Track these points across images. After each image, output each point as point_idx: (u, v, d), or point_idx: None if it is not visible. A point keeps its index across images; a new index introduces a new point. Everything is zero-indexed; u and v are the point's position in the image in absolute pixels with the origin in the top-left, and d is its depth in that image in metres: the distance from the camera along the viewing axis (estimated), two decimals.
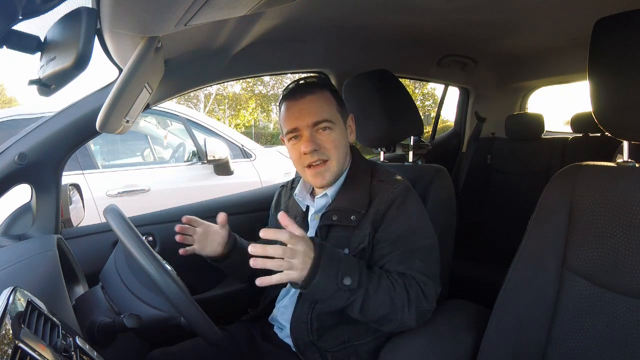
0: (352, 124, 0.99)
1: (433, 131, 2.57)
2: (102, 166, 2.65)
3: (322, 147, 0.90)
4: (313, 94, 0.91)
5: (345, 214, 0.90)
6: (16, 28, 0.55)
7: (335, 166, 0.92)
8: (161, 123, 3.29)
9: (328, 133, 0.91)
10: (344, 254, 0.80)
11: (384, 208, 0.89)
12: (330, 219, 0.92)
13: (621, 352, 0.70)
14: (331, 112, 0.92)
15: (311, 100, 0.90)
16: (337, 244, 0.90)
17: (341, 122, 0.94)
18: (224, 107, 16.69)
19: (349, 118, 0.98)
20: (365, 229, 0.89)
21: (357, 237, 0.89)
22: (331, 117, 0.91)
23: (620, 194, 0.72)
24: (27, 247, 0.89)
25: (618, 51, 0.70)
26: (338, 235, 0.91)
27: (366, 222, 0.89)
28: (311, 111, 0.90)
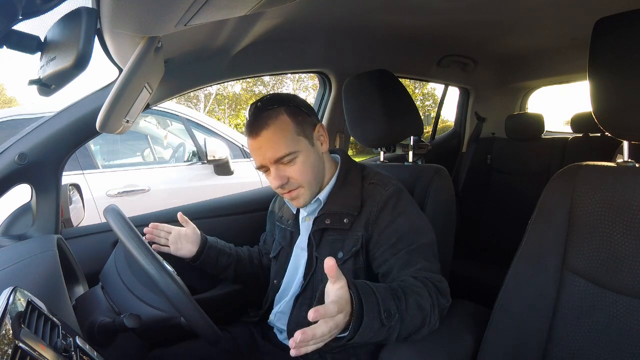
0: (323, 131, 0.94)
1: (433, 131, 2.58)
2: (102, 166, 2.64)
3: (289, 178, 0.89)
4: (267, 127, 0.86)
5: (338, 217, 0.91)
6: (16, 28, 0.55)
7: (308, 189, 0.91)
8: (161, 123, 3.29)
9: (292, 164, 0.88)
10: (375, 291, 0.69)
11: (377, 210, 0.88)
12: (323, 222, 0.92)
13: (621, 352, 0.70)
14: (290, 141, 0.87)
15: (266, 137, 0.87)
16: (331, 247, 0.91)
17: (305, 143, 0.89)
18: (224, 107, 16.69)
19: (316, 129, 0.93)
20: (358, 232, 0.89)
21: (350, 240, 0.89)
22: (291, 147, 0.87)
23: (620, 194, 0.72)
24: (27, 247, 0.89)
25: (618, 51, 0.70)
26: (332, 239, 0.92)
27: (359, 224, 0.89)
28: (269, 148, 0.87)
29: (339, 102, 1.59)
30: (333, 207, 0.92)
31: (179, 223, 1.08)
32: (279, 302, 1.02)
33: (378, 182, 0.92)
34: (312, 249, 0.94)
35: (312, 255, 0.94)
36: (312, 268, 0.94)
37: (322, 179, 0.95)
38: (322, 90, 1.72)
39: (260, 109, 0.89)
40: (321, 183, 0.95)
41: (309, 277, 0.94)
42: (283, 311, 0.99)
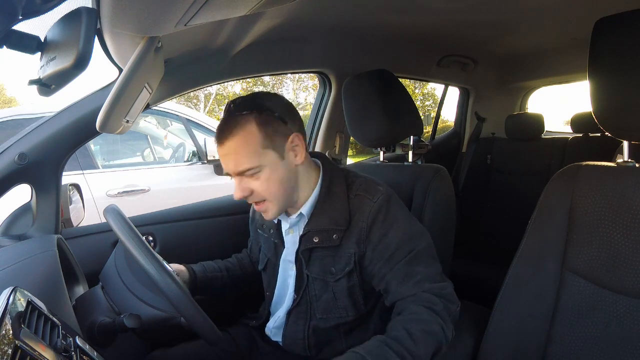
0: (299, 141, 0.85)
1: (433, 131, 2.57)
2: (102, 166, 2.64)
3: (253, 191, 0.84)
4: (232, 137, 0.81)
5: (327, 234, 0.86)
6: (16, 28, 0.55)
7: (276, 204, 0.85)
8: (161, 123, 3.29)
9: (255, 178, 0.83)
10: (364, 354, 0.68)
11: (367, 225, 0.84)
12: (311, 241, 0.87)
13: (621, 352, 0.70)
14: (254, 155, 0.81)
15: (230, 148, 0.82)
16: (322, 264, 0.88)
17: (272, 156, 0.82)
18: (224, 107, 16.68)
19: (289, 139, 0.84)
20: (350, 249, 0.85)
21: (341, 258, 0.86)
22: (254, 161, 0.81)
23: (620, 194, 0.72)
24: (27, 247, 0.89)
25: (618, 51, 0.70)
26: (322, 256, 0.88)
27: (349, 240, 0.85)
28: (232, 160, 0.82)
29: (339, 102, 1.59)
30: (320, 222, 0.86)
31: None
32: (274, 313, 1.01)
33: (364, 193, 0.86)
34: (302, 266, 0.90)
35: (303, 273, 0.90)
36: (303, 284, 0.91)
37: (294, 192, 0.88)
38: (322, 90, 1.72)
39: (231, 113, 0.83)
40: (293, 197, 0.88)
41: (301, 292, 0.91)
42: (277, 326, 0.97)
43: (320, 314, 0.90)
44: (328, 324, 0.90)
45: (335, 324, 0.90)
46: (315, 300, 0.90)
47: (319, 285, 0.90)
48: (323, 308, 0.90)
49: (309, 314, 0.92)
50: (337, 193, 0.88)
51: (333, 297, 0.88)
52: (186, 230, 1.33)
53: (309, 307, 0.92)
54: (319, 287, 0.90)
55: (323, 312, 0.90)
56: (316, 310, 0.90)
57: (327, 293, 0.89)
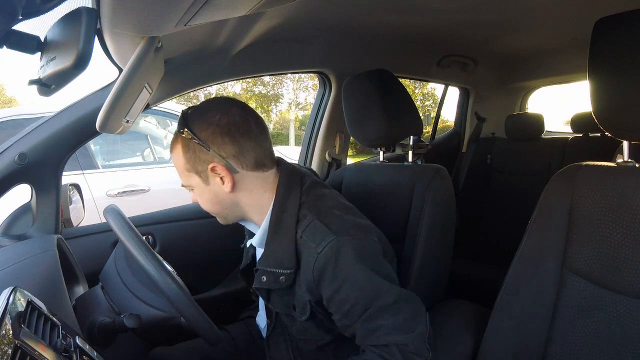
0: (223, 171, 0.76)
1: (433, 131, 2.57)
2: (102, 166, 2.65)
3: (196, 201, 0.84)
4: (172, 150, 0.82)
5: (273, 276, 0.78)
6: (16, 28, 0.55)
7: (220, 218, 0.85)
8: (161, 123, 3.29)
9: (193, 194, 0.83)
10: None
11: (314, 279, 0.74)
12: (260, 280, 0.81)
13: (621, 352, 0.70)
14: (182, 174, 0.81)
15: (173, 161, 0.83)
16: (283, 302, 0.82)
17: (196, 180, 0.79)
18: None
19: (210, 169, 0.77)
20: (303, 296, 0.77)
21: (298, 303, 0.80)
22: (184, 180, 0.82)
23: (620, 194, 0.72)
24: (27, 247, 0.89)
25: (618, 51, 0.70)
26: (281, 294, 0.81)
27: (300, 286, 0.77)
28: None
29: (338, 102, 1.59)
30: (267, 262, 0.80)
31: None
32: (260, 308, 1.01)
33: (310, 240, 0.75)
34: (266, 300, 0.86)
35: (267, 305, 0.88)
36: (272, 313, 0.88)
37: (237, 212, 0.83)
38: (322, 90, 1.72)
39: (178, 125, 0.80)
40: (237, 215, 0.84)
41: (273, 318, 0.89)
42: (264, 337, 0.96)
43: (298, 335, 0.87)
44: (310, 345, 0.87)
45: (316, 346, 0.87)
46: (290, 324, 0.87)
47: (287, 318, 0.86)
48: (299, 330, 0.86)
49: (287, 335, 0.89)
50: (285, 228, 0.78)
51: (304, 328, 0.84)
52: (186, 230, 1.33)
53: (285, 330, 0.89)
54: (287, 319, 0.86)
55: (300, 334, 0.86)
56: (293, 331, 0.87)
57: (296, 324, 0.84)
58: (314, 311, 0.78)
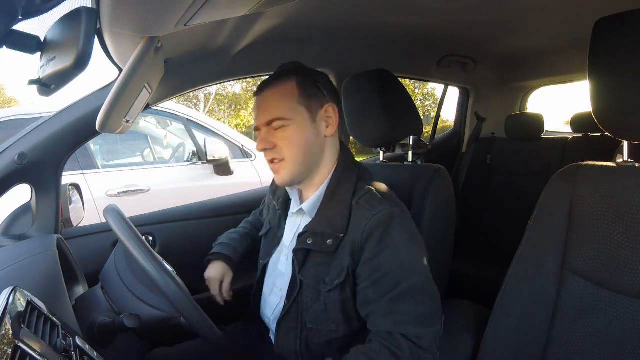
0: (333, 114, 0.86)
1: (433, 131, 2.57)
2: (102, 166, 2.64)
3: (275, 145, 0.84)
4: (271, 87, 0.85)
5: (322, 238, 0.81)
6: (16, 28, 0.55)
7: (291, 166, 0.84)
8: (161, 123, 3.29)
9: (282, 131, 0.83)
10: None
11: (362, 239, 0.78)
12: (305, 242, 0.83)
13: (621, 352, 0.70)
14: (287, 107, 0.83)
15: (267, 97, 0.85)
16: (317, 272, 0.83)
17: (304, 115, 0.84)
18: (224, 107, 16.70)
19: (324, 108, 0.86)
20: (344, 260, 0.80)
21: (335, 269, 0.81)
22: (286, 113, 0.83)
23: (620, 194, 0.72)
24: (27, 247, 0.89)
25: (618, 51, 0.70)
26: (318, 262, 0.83)
27: (344, 250, 0.80)
28: (265, 108, 0.85)
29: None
30: (318, 225, 0.83)
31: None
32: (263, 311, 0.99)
33: (365, 204, 0.80)
34: (296, 271, 0.85)
35: (296, 278, 0.85)
36: (295, 290, 0.86)
37: (313, 165, 0.86)
38: None
39: (275, 73, 0.88)
40: (310, 169, 0.86)
41: (292, 299, 0.86)
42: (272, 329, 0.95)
43: (310, 324, 0.85)
44: (320, 338, 0.85)
45: (326, 339, 0.85)
46: (307, 309, 0.85)
47: (311, 294, 0.84)
48: (314, 318, 0.85)
49: (299, 323, 0.87)
50: (341, 196, 0.84)
51: (324, 308, 0.83)
52: (186, 230, 1.33)
53: (299, 316, 0.86)
54: (311, 296, 0.85)
55: (314, 323, 0.85)
56: (307, 319, 0.86)
57: (318, 303, 0.84)
58: (346, 282, 0.80)
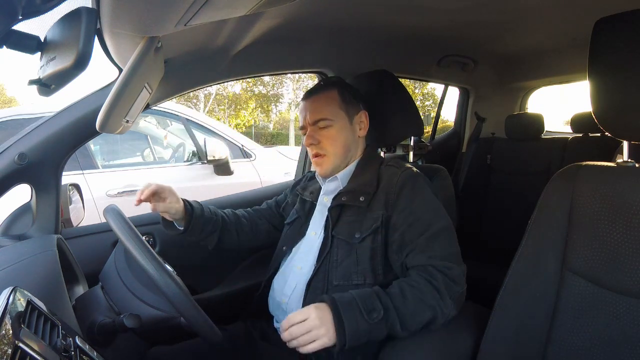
0: (365, 119, 1.06)
1: (433, 131, 2.57)
2: (102, 166, 2.64)
3: (320, 141, 1.01)
4: (317, 94, 1.04)
5: (354, 194, 0.96)
6: (16, 28, 0.55)
7: (333, 159, 1.01)
8: (161, 123, 3.29)
9: (326, 130, 1.01)
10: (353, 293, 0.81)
11: (396, 190, 0.92)
12: (339, 199, 0.97)
13: (621, 352, 0.70)
14: (331, 110, 1.01)
15: (314, 100, 1.03)
16: (349, 228, 0.94)
17: (344, 118, 1.02)
18: (224, 107, 16.70)
19: (359, 114, 1.05)
20: (378, 211, 0.92)
21: (369, 220, 0.92)
22: (330, 115, 1.00)
23: (620, 194, 0.72)
24: (27, 247, 0.89)
25: (618, 51, 0.70)
26: (350, 219, 0.95)
27: (377, 204, 0.93)
28: (312, 110, 1.02)
29: None
30: (351, 186, 0.99)
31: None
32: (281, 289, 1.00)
33: (395, 165, 0.99)
34: (329, 228, 0.96)
35: (329, 235, 0.95)
36: (326, 248, 0.94)
37: (349, 158, 1.04)
38: None
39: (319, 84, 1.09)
40: (348, 161, 1.04)
41: (322, 260, 0.94)
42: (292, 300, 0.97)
43: (337, 280, 0.91)
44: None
45: None
46: (336, 266, 0.93)
47: (342, 250, 0.93)
48: (342, 274, 0.91)
49: (325, 282, 0.92)
50: (370, 165, 1.02)
51: (355, 260, 0.91)
52: None
53: (326, 276, 0.93)
54: (342, 252, 0.93)
55: (341, 278, 0.91)
56: (334, 277, 0.92)
57: (349, 257, 0.92)
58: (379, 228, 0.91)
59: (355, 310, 0.77)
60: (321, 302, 0.79)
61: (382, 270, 0.91)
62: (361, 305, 0.78)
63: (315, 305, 0.78)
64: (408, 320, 0.80)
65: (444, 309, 0.82)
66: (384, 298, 0.80)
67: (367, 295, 0.81)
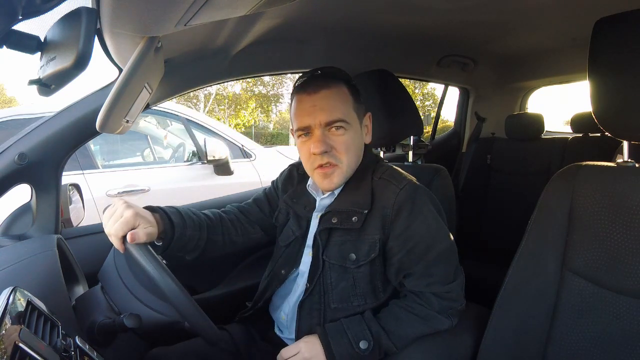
0: (370, 123, 0.92)
1: (433, 131, 2.57)
2: (102, 166, 2.64)
3: (333, 148, 0.83)
4: (328, 88, 0.82)
5: (346, 215, 0.84)
6: (16, 28, 0.55)
7: (346, 170, 0.85)
8: (161, 123, 3.29)
9: (341, 134, 0.83)
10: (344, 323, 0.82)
11: (392, 213, 0.82)
12: (329, 221, 0.85)
13: (621, 352, 0.70)
14: (346, 111, 0.83)
15: (325, 96, 0.82)
16: (340, 251, 0.85)
17: (357, 121, 0.86)
18: (224, 107, 16.70)
19: (366, 117, 0.91)
20: (374, 234, 0.83)
21: (364, 243, 0.84)
22: (346, 116, 0.83)
23: (620, 194, 0.72)
24: (27, 247, 0.89)
25: (618, 51, 0.70)
26: (341, 240, 0.85)
27: (372, 225, 0.83)
28: (324, 108, 0.81)
29: None
30: (341, 204, 0.86)
31: None
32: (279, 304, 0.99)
33: (390, 179, 0.85)
34: (319, 251, 0.87)
35: (319, 257, 0.87)
36: (317, 271, 0.87)
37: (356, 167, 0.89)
38: None
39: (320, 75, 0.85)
40: (354, 170, 0.88)
41: (315, 280, 0.88)
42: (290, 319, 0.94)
43: (335, 304, 0.86)
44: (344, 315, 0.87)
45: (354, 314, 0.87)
46: (331, 288, 0.87)
47: (336, 273, 0.86)
48: (340, 297, 0.86)
49: (322, 304, 0.87)
50: (363, 177, 0.88)
51: (352, 284, 0.85)
52: None
53: (322, 297, 0.87)
54: (335, 275, 0.86)
55: (339, 302, 0.86)
56: (331, 300, 0.87)
57: (345, 280, 0.86)
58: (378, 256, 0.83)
59: (344, 340, 0.79)
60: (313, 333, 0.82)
61: (383, 288, 0.88)
62: (350, 336, 0.79)
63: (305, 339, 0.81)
64: (402, 341, 0.82)
65: (439, 324, 0.83)
66: (374, 328, 0.80)
67: (356, 323, 0.82)
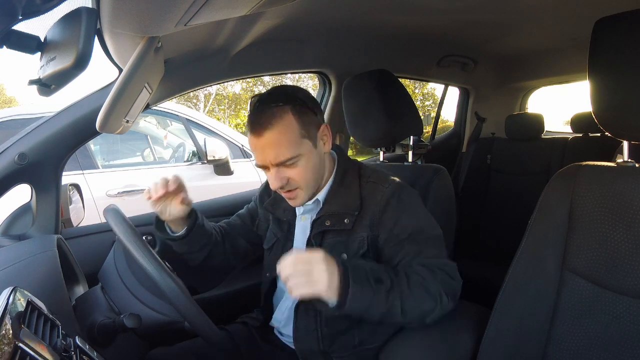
0: (327, 131, 0.91)
1: (433, 131, 2.58)
2: (102, 166, 2.64)
3: (290, 179, 0.86)
4: (271, 128, 0.82)
5: (338, 217, 0.88)
6: (16, 28, 0.55)
7: (306, 191, 0.89)
8: (161, 123, 3.29)
9: (294, 166, 0.85)
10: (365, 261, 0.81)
11: (379, 210, 0.86)
12: (323, 224, 0.89)
13: (621, 352, 0.70)
14: (294, 144, 0.84)
15: (269, 139, 0.83)
16: (332, 250, 0.86)
17: (308, 145, 0.86)
18: (224, 107, 16.70)
19: (320, 129, 0.89)
20: (362, 232, 0.87)
21: (354, 242, 0.87)
22: (294, 151, 0.84)
23: (620, 194, 0.72)
24: (27, 247, 0.89)
25: (618, 51, 0.70)
26: (333, 242, 0.89)
27: (361, 225, 0.87)
28: (272, 150, 0.83)
29: (338, 102, 1.59)
30: (332, 207, 0.90)
31: None
32: (278, 301, 1.00)
33: (376, 180, 0.90)
34: None
35: None
36: None
37: (322, 179, 0.92)
38: (322, 90, 1.72)
39: (264, 104, 0.84)
40: (320, 183, 0.92)
41: None
42: (287, 318, 0.96)
43: None
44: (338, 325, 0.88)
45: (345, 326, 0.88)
46: None
47: None
48: None
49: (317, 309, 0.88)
50: (350, 181, 0.92)
51: None
52: None
53: None
54: None
55: None
56: None
57: None
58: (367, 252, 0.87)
59: (362, 275, 0.75)
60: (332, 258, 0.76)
61: None
62: (370, 274, 0.76)
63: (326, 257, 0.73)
64: (409, 303, 0.77)
65: (443, 303, 0.81)
66: (392, 275, 0.79)
67: (376, 266, 0.80)
